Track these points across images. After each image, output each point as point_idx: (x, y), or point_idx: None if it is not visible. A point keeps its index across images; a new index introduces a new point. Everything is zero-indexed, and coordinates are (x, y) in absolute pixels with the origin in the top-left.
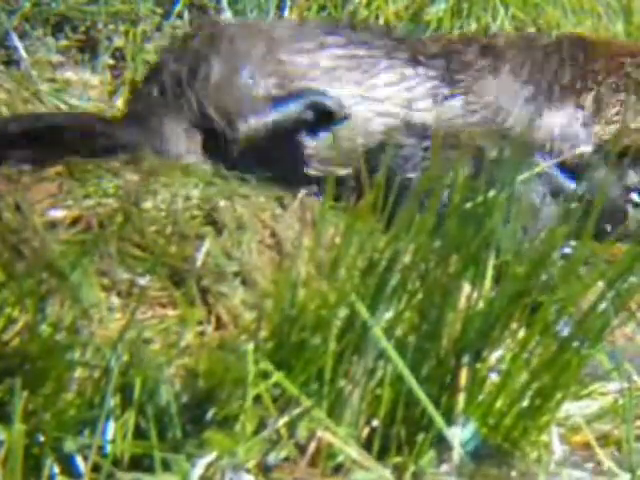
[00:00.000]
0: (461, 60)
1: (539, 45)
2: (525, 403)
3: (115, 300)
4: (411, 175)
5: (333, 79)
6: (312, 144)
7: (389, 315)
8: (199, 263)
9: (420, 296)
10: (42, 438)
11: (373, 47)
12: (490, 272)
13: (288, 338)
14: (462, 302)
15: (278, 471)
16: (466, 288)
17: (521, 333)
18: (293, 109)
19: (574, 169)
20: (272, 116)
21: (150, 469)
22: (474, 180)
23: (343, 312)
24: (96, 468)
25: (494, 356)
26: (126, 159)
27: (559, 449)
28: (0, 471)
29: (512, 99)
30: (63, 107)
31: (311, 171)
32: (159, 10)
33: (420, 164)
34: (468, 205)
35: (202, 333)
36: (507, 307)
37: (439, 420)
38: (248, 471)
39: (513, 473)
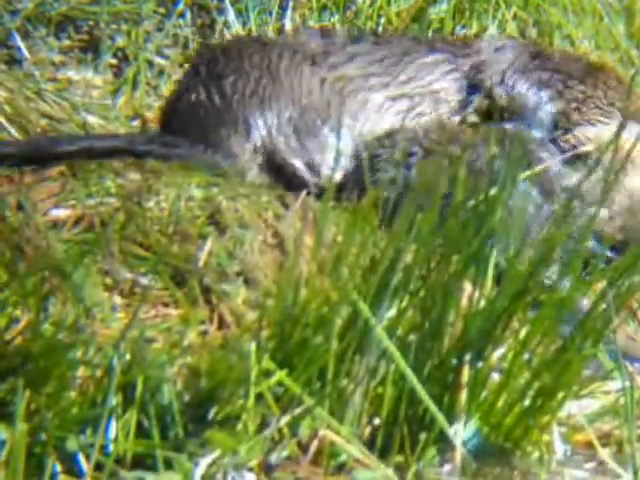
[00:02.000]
0: (479, 57)
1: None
2: (527, 402)
3: (117, 299)
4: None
5: (364, 87)
6: None
7: (391, 314)
8: (201, 263)
9: (422, 295)
10: (44, 437)
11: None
12: (491, 271)
13: (290, 337)
14: (464, 301)
15: (280, 470)
16: (467, 287)
17: (523, 332)
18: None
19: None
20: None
21: (152, 468)
22: (475, 178)
23: (345, 311)
24: (98, 467)
25: (496, 355)
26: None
27: (560, 448)
28: (2, 470)
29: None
30: (65, 106)
31: None
32: (161, 10)
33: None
34: (469, 204)
35: (204, 332)
36: (508, 306)
37: (441, 419)
38: (250, 470)
39: (515, 472)
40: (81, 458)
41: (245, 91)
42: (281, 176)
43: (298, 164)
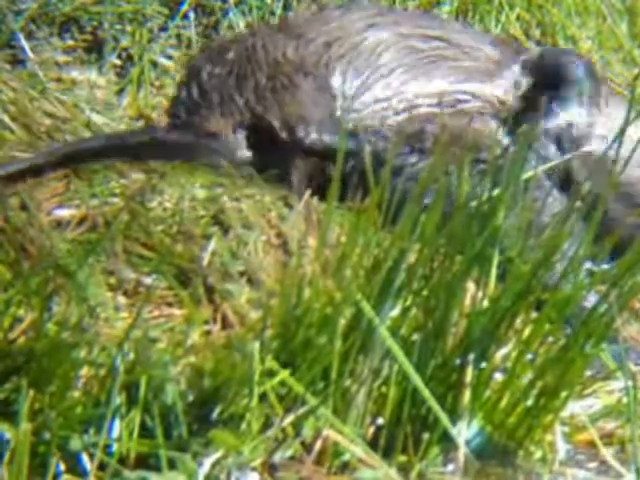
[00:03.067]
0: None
1: None
2: (530, 402)
3: (121, 299)
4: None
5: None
6: None
7: (394, 314)
8: (205, 262)
9: (425, 295)
10: (48, 436)
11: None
12: (495, 270)
13: (294, 337)
14: (467, 301)
15: (284, 470)
16: (471, 287)
17: (526, 332)
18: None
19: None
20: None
21: (156, 467)
22: (479, 178)
23: (349, 311)
24: (102, 466)
25: (499, 355)
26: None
27: (563, 448)
28: (6, 469)
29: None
30: (70, 106)
31: None
32: (165, 11)
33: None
34: (473, 203)
35: (208, 332)
36: (512, 306)
37: (444, 418)
38: (254, 470)
39: (517, 471)
40: (84, 457)
41: (221, 74)
42: (266, 145)
43: (275, 122)
